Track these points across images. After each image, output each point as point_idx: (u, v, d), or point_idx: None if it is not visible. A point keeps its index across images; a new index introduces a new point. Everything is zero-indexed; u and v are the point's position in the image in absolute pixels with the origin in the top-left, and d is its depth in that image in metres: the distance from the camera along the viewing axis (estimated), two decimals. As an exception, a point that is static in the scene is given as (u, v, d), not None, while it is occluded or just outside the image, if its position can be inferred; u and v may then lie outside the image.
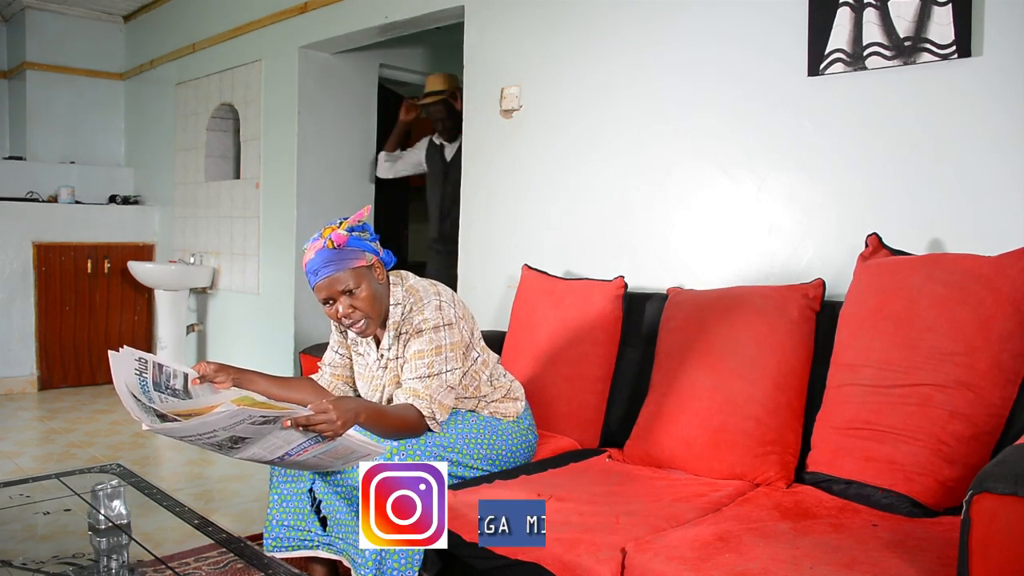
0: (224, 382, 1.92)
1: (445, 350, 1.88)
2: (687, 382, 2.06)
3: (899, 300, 1.77)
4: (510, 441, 2.03)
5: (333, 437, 1.60)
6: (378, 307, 1.88)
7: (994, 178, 1.90)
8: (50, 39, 5.46)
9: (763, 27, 2.30)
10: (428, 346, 1.87)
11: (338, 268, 1.81)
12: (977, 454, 1.63)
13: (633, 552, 1.49)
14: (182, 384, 1.89)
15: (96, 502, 1.85)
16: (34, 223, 5.03)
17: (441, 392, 1.87)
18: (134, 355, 1.81)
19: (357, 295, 1.83)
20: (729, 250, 2.40)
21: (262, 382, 2.01)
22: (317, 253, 1.82)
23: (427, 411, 1.84)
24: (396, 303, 1.93)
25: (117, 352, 1.78)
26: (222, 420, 1.49)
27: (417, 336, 1.88)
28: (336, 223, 1.86)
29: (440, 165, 3.89)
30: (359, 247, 1.84)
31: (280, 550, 1.92)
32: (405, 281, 1.97)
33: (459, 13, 3.25)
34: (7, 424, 4.21)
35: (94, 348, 5.25)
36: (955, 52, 1.91)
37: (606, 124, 2.72)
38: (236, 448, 1.61)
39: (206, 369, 1.91)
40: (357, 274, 1.83)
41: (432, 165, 3.96)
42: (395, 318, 1.93)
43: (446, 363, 1.87)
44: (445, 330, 1.89)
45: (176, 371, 1.89)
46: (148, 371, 1.81)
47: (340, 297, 1.84)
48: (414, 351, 1.88)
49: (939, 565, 1.35)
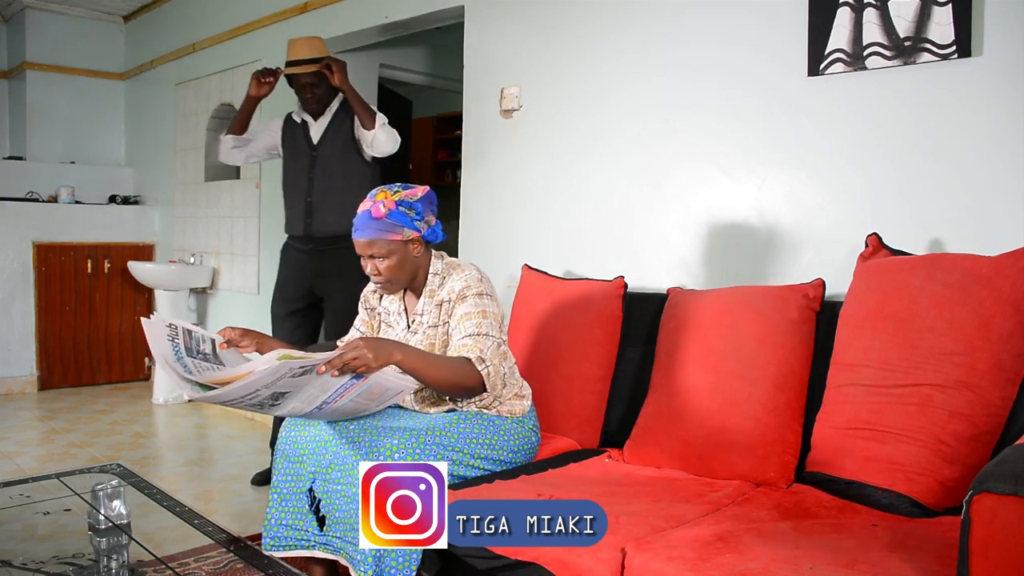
0: (248, 346, 2.00)
1: (490, 315, 1.97)
2: (687, 382, 2.06)
3: (899, 300, 1.77)
4: (512, 441, 2.03)
5: (367, 373, 1.68)
6: (403, 276, 2.01)
7: (994, 178, 1.90)
8: (50, 39, 5.46)
9: (763, 27, 2.30)
10: (474, 308, 1.96)
11: (373, 235, 1.94)
12: (977, 454, 1.63)
13: (633, 552, 1.49)
14: (211, 348, 1.97)
15: (96, 502, 1.85)
16: (34, 223, 5.03)
17: (491, 349, 1.92)
18: (164, 322, 1.90)
19: (384, 261, 1.97)
20: (729, 250, 2.40)
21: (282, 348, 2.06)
22: (362, 213, 1.96)
23: (476, 357, 1.88)
24: (435, 273, 2.05)
25: (149, 319, 1.87)
26: (265, 377, 1.58)
27: (462, 301, 1.98)
28: (392, 190, 1.97)
29: (304, 147, 3.23)
30: (399, 222, 1.94)
31: (278, 549, 1.93)
32: (445, 258, 2.11)
33: (459, 13, 3.25)
34: (7, 424, 4.21)
35: (94, 348, 5.25)
36: (955, 52, 1.91)
37: (606, 124, 2.72)
38: (276, 405, 1.71)
39: (231, 334, 1.99)
40: (389, 245, 1.95)
41: (292, 148, 3.28)
42: (432, 287, 2.05)
43: (492, 327, 1.96)
44: (488, 299, 2.00)
45: (204, 336, 1.98)
46: (179, 337, 1.89)
47: (370, 258, 1.98)
48: (461, 314, 1.96)
49: (939, 565, 1.35)
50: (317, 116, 3.24)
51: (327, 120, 3.23)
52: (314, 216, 3.16)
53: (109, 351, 5.33)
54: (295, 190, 3.24)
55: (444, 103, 6.67)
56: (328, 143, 3.19)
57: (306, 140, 3.24)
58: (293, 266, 3.26)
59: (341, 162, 3.16)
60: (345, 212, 2.84)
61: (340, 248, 3.02)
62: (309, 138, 3.23)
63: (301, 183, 3.21)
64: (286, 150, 3.32)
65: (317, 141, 3.21)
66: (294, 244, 3.27)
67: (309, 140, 3.23)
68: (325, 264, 3.16)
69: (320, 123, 3.24)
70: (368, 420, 1.91)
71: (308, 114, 3.26)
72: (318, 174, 3.18)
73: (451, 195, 3.96)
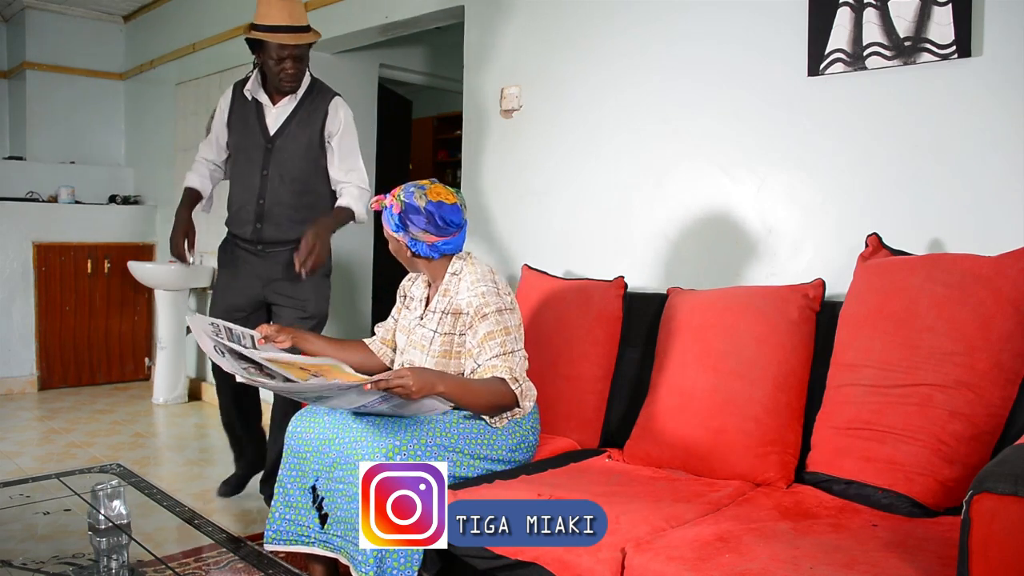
0: (284, 341, 2.14)
1: (513, 331, 2.01)
2: (687, 382, 2.06)
3: (899, 300, 1.77)
4: (511, 440, 2.03)
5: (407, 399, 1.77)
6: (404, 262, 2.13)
7: (994, 178, 1.90)
8: (50, 39, 5.46)
9: (763, 27, 2.30)
10: (497, 327, 1.99)
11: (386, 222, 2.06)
12: (977, 454, 1.63)
13: (633, 552, 1.49)
14: (250, 344, 2.11)
15: (96, 502, 1.85)
16: (34, 223, 5.03)
17: (520, 364, 1.99)
18: (206, 320, 2.08)
19: (390, 243, 2.11)
20: (729, 250, 2.40)
21: (318, 342, 2.23)
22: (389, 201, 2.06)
23: (509, 377, 1.94)
24: (453, 273, 2.09)
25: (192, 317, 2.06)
26: (313, 387, 1.75)
27: (482, 320, 1.99)
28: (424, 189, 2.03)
29: (257, 136, 2.68)
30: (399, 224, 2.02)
31: (278, 543, 1.94)
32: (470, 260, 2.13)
33: (459, 13, 3.25)
34: (7, 424, 4.21)
35: (94, 348, 5.25)
36: (955, 52, 1.91)
37: (606, 124, 2.72)
38: (319, 401, 1.86)
39: (268, 331, 2.15)
40: (395, 234, 2.06)
41: (242, 133, 2.71)
42: (448, 285, 2.08)
43: (516, 342, 2.01)
44: (508, 313, 2.03)
45: (244, 332, 2.13)
46: (221, 333, 2.05)
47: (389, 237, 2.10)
48: (484, 333, 1.98)
49: (939, 565, 1.35)
50: (278, 98, 2.68)
51: (290, 107, 2.68)
52: (266, 222, 2.69)
53: (109, 351, 5.33)
54: (244, 187, 2.71)
55: (444, 103, 6.67)
56: (289, 136, 2.66)
57: (260, 126, 2.68)
58: (240, 268, 2.76)
59: (301, 163, 2.67)
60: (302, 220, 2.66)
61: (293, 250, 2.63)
62: (264, 125, 2.68)
63: (252, 181, 2.68)
64: (234, 134, 2.74)
65: (275, 131, 2.67)
66: (240, 243, 2.78)
67: (264, 127, 2.68)
68: (278, 270, 2.72)
69: (281, 108, 2.68)
70: (371, 420, 1.91)
71: (268, 94, 2.69)
72: (273, 173, 2.66)
73: (451, 195, 4.00)
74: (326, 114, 2.67)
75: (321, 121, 2.66)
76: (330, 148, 2.69)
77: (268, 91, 2.70)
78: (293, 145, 2.66)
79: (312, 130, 2.66)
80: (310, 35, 2.62)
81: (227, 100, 2.79)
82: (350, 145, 2.70)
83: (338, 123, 2.68)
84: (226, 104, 2.79)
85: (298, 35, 2.58)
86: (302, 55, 2.63)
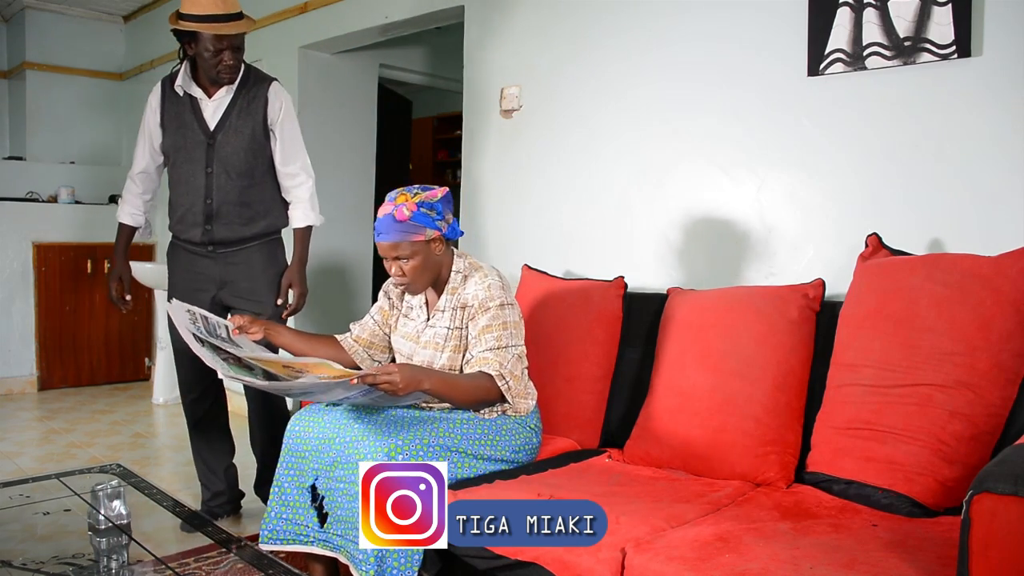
0: (257, 332, 2.14)
1: (511, 326, 2.02)
2: (687, 382, 2.06)
3: (899, 300, 1.77)
4: (514, 440, 2.04)
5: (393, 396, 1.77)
6: (427, 275, 2.04)
7: (994, 178, 1.90)
8: (50, 39, 5.46)
9: (763, 27, 2.30)
10: (495, 321, 2.00)
11: (397, 238, 1.97)
12: (977, 454, 1.63)
13: (633, 552, 1.49)
14: (226, 334, 2.10)
15: (96, 502, 1.85)
16: (34, 223, 5.02)
17: (511, 361, 1.99)
18: (183, 307, 2.06)
19: (409, 263, 1.99)
20: (729, 250, 2.40)
21: (288, 335, 2.23)
22: (384, 217, 1.98)
23: (497, 373, 1.95)
24: (457, 271, 2.09)
25: (171, 304, 2.05)
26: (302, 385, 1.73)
27: (484, 312, 2.01)
28: (412, 192, 1.99)
29: (196, 132, 2.54)
30: (422, 223, 1.96)
31: (275, 542, 1.94)
32: (468, 258, 2.14)
33: (459, 13, 3.25)
34: (7, 424, 4.21)
35: (94, 348, 5.25)
36: (955, 52, 1.91)
37: (606, 124, 2.72)
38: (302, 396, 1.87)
39: (241, 321, 2.14)
40: (413, 246, 1.98)
41: (179, 131, 2.56)
42: (454, 284, 2.08)
43: (512, 337, 2.02)
44: (509, 308, 2.04)
45: (219, 322, 2.12)
46: (199, 321, 2.04)
47: (394, 260, 2.01)
48: (482, 326, 2.00)
49: (939, 565, 1.35)
50: (213, 90, 2.53)
51: (228, 98, 2.53)
52: (216, 222, 2.55)
53: (109, 351, 5.33)
54: (188, 189, 2.56)
55: (444, 103, 6.67)
56: (231, 129, 2.52)
57: (198, 122, 2.53)
58: (192, 273, 2.64)
59: (246, 156, 2.54)
60: (253, 217, 2.59)
61: (246, 249, 2.60)
62: (202, 120, 2.53)
63: (196, 181, 2.54)
64: (170, 133, 2.57)
65: (214, 126, 2.52)
66: (189, 247, 2.63)
67: (202, 123, 2.53)
68: (232, 271, 2.61)
69: (217, 101, 2.53)
70: (371, 420, 1.92)
71: (202, 86, 2.53)
72: (217, 169, 2.52)
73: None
74: (266, 101, 2.55)
75: (262, 109, 2.55)
76: (274, 136, 2.58)
77: (201, 84, 2.54)
78: (236, 138, 2.52)
79: (254, 120, 2.54)
80: (245, 22, 2.46)
81: (157, 98, 2.61)
82: (292, 131, 2.61)
83: (279, 108, 2.57)
84: (156, 103, 2.61)
85: (234, 23, 2.42)
86: (239, 45, 2.47)
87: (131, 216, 2.76)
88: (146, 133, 2.66)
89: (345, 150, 4.39)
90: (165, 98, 2.59)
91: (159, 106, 2.60)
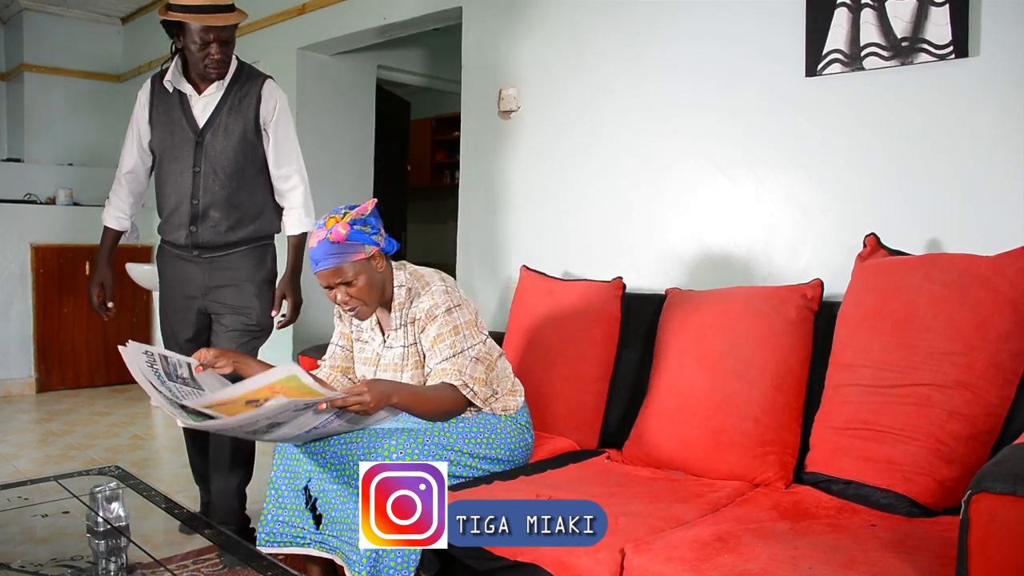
0: (225, 366, 2.01)
1: (462, 328, 1.96)
2: (686, 383, 2.06)
3: (897, 300, 1.77)
4: (508, 440, 2.03)
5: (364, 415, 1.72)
6: (375, 295, 1.95)
7: (992, 178, 1.90)
8: (48, 41, 5.46)
9: (761, 28, 2.30)
10: (446, 328, 1.94)
11: (337, 261, 1.88)
12: (975, 454, 1.63)
13: (632, 553, 1.49)
14: (188, 373, 1.98)
15: (94, 504, 1.84)
16: (32, 225, 5.02)
17: (470, 366, 1.94)
18: (140, 348, 1.93)
19: (354, 284, 1.91)
20: (727, 251, 2.40)
21: (258, 367, 2.07)
22: (319, 243, 1.89)
23: (459, 383, 1.91)
24: (400, 285, 2.01)
25: (125, 347, 1.91)
26: (270, 411, 1.59)
27: (432, 321, 1.95)
28: (340, 213, 1.91)
29: (185, 129, 2.42)
30: (359, 240, 1.89)
31: (272, 545, 1.93)
32: (408, 267, 2.06)
33: (457, 14, 3.26)
34: (5, 426, 4.20)
35: (92, 350, 5.24)
36: (952, 52, 1.92)
37: (605, 125, 2.73)
38: (270, 432, 1.73)
39: (206, 356, 2.00)
40: (355, 266, 1.90)
41: (167, 128, 2.45)
42: (400, 299, 2.01)
43: (466, 340, 1.95)
44: (456, 310, 1.97)
45: (180, 360, 1.98)
46: (157, 363, 1.92)
47: (338, 286, 1.92)
48: (433, 336, 1.95)
49: (938, 565, 1.35)
50: (204, 86, 2.41)
51: (219, 94, 2.41)
52: (201, 224, 2.44)
53: (107, 353, 5.32)
54: (175, 188, 2.45)
55: (442, 104, 6.67)
56: (220, 127, 2.40)
57: (187, 119, 2.42)
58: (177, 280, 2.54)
59: (236, 156, 2.42)
60: (241, 219, 2.46)
61: (233, 254, 2.49)
62: (191, 117, 2.42)
63: (183, 181, 2.43)
64: (158, 131, 2.47)
65: (203, 123, 2.41)
66: (175, 250, 2.53)
67: (191, 120, 2.42)
68: (217, 276, 2.49)
69: (208, 97, 2.41)
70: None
71: (192, 82, 2.42)
72: (205, 169, 2.40)
73: (449, 196, 3.94)
74: (259, 99, 2.42)
75: (255, 107, 2.41)
76: (266, 136, 2.46)
77: (191, 79, 2.42)
78: (225, 137, 2.40)
79: (245, 118, 2.41)
80: (236, 14, 2.35)
81: (146, 94, 2.50)
82: (286, 132, 2.49)
83: (272, 107, 2.45)
84: (146, 99, 2.49)
85: (224, 15, 2.31)
86: (229, 38, 2.35)
87: (116, 220, 2.62)
88: (135, 130, 2.54)
89: (343, 151, 4.39)
90: (155, 95, 2.48)
91: (148, 103, 2.49)
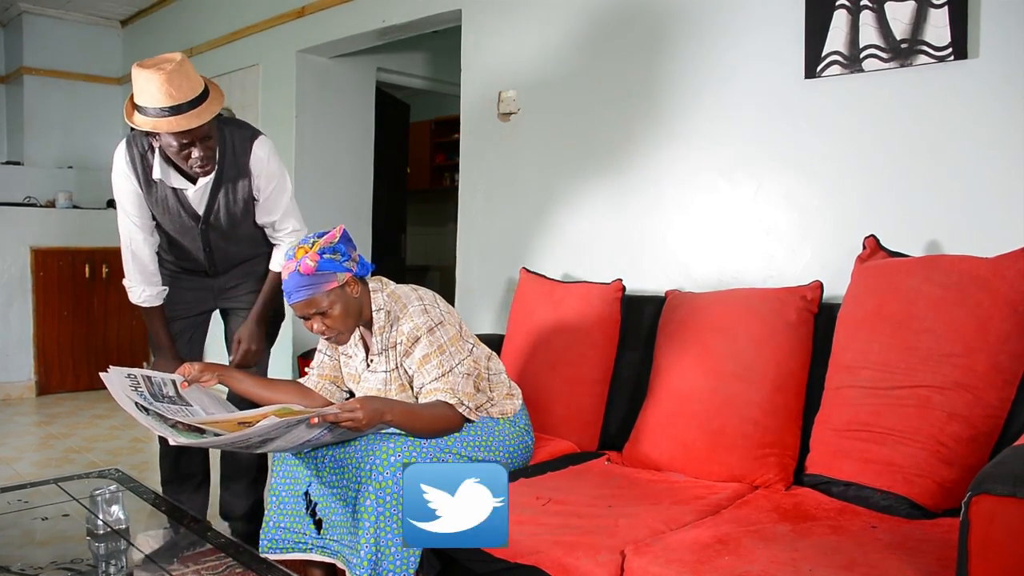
0: (210, 380, 2.03)
1: (447, 347, 1.94)
2: (685, 385, 2.06)
3: (897, 302, 1.77)
4: (508, 442, 2.03)
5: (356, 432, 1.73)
6: (351, 321, 1.92)
7: (991, 180, 1.90)
8: (47, 44, 5.46)
9: (760, 30, 2.31)
10: (431, 348, 1.92)
11: (309, 292, 1.84)
12: (976, 455, 1.63)
13: (632, 555, 1.49)
14: (173, 391, 1.97)
15: (95, 507, 1.85)
16: (32, 228, 5.02)
17: (460, 383, 1.93)
18: (122, 372, 1.94)
19: (329, 314, 1.88)
20: (727, 253, 2.40)
21: (247, 381, 2.11)
22: (290, 276, 1.85)
23: (454, 400, 1.90)
24: (378, 308, 1.97)
25: (107, 372, 1.91)
26: (261, 430, 1.62)
27: (415, 343, 1.93)
28: (309, 243, 1.87)
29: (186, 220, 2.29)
30: (330, 269, 1.85)
31: (275, 551, 1.94)
32: (386, 287, 2.01)
33: (456, 17, 3.26)
34: (5, 429, 4.20)
35: (92, 353, 5.24)
36: (951, 54, 1.92)
37: (603, 127, 2.73)
38: (263, 446, 1.74)
39: (190, 371, 2.01)
40: (329, 296, 1.86)
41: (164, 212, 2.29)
42: (379, 323, 1.97)
43: (452, 358, 1.94)
44: (439, 329, 1.95)
45: (165, 379, 1.99)
46: (141, 385, 1.92)
47: (314, 316, 1.89)
48: (419, 357, 1.93)
49: (938, 566, 1.35)
50: (196, 178, 2.22)
51: (208, 183, 2.23)
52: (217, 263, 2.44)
53: (107, 356, 5.31)
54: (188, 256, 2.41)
55: (442, 106, 6.67)
56: (220, 210, 2.29)
57: (185, 210, 2.28)
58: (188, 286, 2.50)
59: (244, 220, 2.36)
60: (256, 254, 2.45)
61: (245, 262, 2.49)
62: (189, 208, 2.27)
63: (194, 244, 2.37)
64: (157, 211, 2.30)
65: (203, 211, 2.28)
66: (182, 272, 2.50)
67: (189, 210, 2.28)
68: (232, 278, 2.50)
69: (200, 187, 2.23)
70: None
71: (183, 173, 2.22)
72: (215, 242, 2.36)
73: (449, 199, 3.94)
74: (251, 174, 2.28)
75: (248, 185, 2.30)
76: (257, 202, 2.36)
77: (180, 170, 2.22)
78: (228, 215, 2.31)
79: (243, 193, 2.30)
80: (209, 105, 2.06)
81: (132, 183, 2.25)
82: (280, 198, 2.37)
83: (261, 175, 2.30)
84: (132, 187, 2.25)
85: (197, 112, 2.03)
86: (208, 132, 2.10)
87: (158, 296, 2.42)
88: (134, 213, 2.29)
89: (343, 154, 4.40)
90: (140, 185, 2.24)
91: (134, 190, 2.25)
